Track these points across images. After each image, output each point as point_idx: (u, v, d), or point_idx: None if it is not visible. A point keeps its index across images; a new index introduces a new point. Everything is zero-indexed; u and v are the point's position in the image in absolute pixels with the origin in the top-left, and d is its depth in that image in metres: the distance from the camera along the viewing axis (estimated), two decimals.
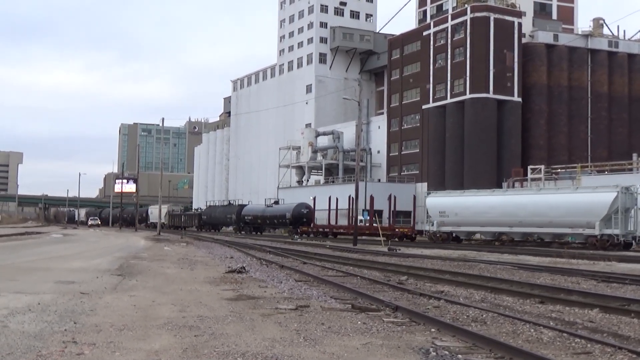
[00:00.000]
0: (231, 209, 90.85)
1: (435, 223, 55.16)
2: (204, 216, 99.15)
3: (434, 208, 55.76)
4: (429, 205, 56.46)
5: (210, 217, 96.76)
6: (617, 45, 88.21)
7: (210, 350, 8.47)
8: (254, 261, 27.28)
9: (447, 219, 54.09)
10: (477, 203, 52.32)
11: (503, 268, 24.26)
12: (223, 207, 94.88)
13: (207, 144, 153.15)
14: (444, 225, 54.62)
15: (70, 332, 9.61)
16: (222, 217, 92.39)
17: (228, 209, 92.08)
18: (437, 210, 55.16)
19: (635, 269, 24.98)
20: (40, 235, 60.07)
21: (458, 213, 53.00)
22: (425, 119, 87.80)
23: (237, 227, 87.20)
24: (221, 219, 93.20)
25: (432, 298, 14.58)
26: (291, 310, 12.35)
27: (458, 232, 54.37)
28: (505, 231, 50.64)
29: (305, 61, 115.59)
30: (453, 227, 54.09)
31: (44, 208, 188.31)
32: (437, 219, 54.99)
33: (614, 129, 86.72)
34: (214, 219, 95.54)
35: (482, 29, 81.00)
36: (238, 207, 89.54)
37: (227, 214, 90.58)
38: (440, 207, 54.86)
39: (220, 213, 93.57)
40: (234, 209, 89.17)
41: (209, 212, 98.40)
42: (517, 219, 48.77)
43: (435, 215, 55.35)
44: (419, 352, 8.62)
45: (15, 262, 23.80)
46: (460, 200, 54.22)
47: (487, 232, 52.68)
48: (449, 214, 53.88)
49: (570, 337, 9.75)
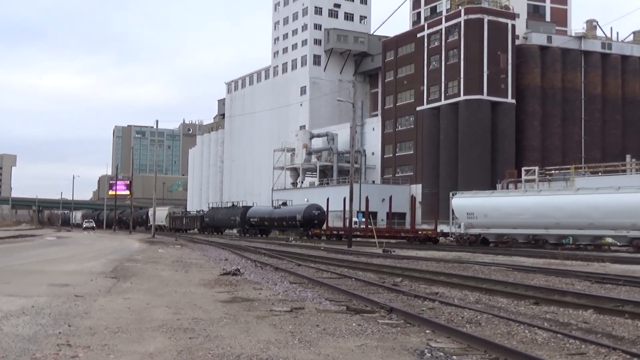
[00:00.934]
0: (235, 210, 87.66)
1: (462, 225, 52.35)
2: (207, 218, 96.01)
3: (461, 209, 52.93)
4: (455, 206, 53.60)
5: (213, 220, 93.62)
6: (610, 47, 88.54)
7: (205, 353, 8.46)
8: (248, 263, 27.25)
9: (476, 220, 51.45)
10: (509, 204, 49.95)
11: (497, 269, 24.29)
12: (226, 209, 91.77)
13: (201, 146, 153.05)
14: (471, 227, 51.93)
15: (65, 335, 9.58)
16: (226, 219, 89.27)
17: (232, 210, 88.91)
18: (464, 212, 52.42)
19: (629, 270, 25.05)
20: (33, 238, 59.87)
21: (488, 214, 50.52)
22: (419, 121, 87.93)
23: (242, 229, 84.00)
24: (224, 221, 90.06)
25: (426, 299, 14.58)
26: (286, 312, 12.34)
27: (487, 235, 51.78)
28: (540, 233, 48.12)
29: (299, 63, 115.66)
30: (482, 229, 51.46)
31: (38, 211, 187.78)
32: (464, 221, 52.24)
33: (607, 131, 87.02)
34: (217, 221, 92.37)
35: (476, 31, 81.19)
36: (242, 208, 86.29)
37: (231, 216, 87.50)
38: (468, 208, 52.20)
39: (224, 215, 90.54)
40: (238, 211, 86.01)
41: (212, 214, 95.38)
42: (554, 220, 46.41)
43: (462, 216, 52.58)
44: (413, 354, 8.62)
45: (9, 265, 23.72)
46: (490, 201, 51.86)
47: (519, 235, 49.83)
48: (477, 216, 51.25)
49: (565, 338, 9.77)
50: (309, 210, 71.48)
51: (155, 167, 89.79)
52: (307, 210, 71.36)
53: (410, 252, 40.15)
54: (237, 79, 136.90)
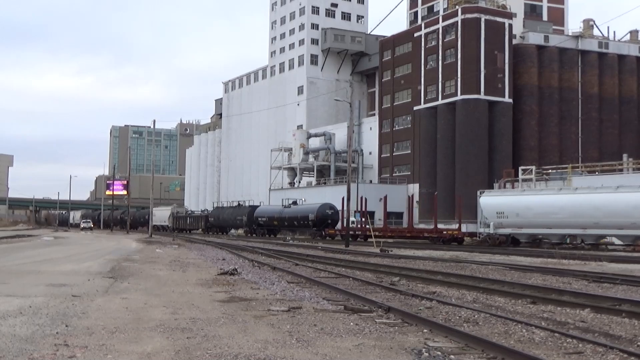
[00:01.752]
0: (241, 210, 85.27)
1: (491, 225, 50.39)
2: (211, 218, 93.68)
3: (490, 208, 50.97)
4: (483, 204, 51.76)
5: (218, 219, 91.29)
6: (607, 46, 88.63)
7: (203, 352, 8.45)
8: (246, 263, 27.25)
9: (506, 220, 49.52)
10: (543, 203, 47.93)
11: (495, 269, 24.32)
12: (232, 209, 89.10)
13: (198, 146, 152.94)
14: (502, 227, 50.00)
15: (62, 335, 9.57)
16: (232, 219, 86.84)
17: (238, 210, 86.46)
18: (493, 211, 50.46)
19: (626, 269, 25.09)
20: (31, 238, 59.79)
21: (519, 213, 48.67)
22: (416, 120, 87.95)
23: (249, 229, 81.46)
24: (230, 221, 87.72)
25: (424, 299, 14.60)
26: (283, 311, 12.35)
27: (518, 235, 50.01)
28: (577, 233, 46.67)
29: (296, 63, 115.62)
30: (513, 228, 49.57)
31: (35, 211, 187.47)
32: (494, 220, 50.29)
33: (604, 130, 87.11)
34: (223, 221, 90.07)
35: (473, 31, 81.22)
36: (249, 208, 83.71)
37: (237, 216, 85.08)
38: (498, 207, 50.27)
39: (229, 215, 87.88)
40: (245, 210, 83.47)
41: (217, 214, 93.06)
42: (593, 220, 44.80)
43: (491, 215, 50.61)
44: (411, 353, 8.63)
45: (6, 265, 23.70)
46: (522, 199, 49.82)
47: (553, 235, 48.22)
48: (508, 215, 49.34)
49: (562, 337, 9.79)
50: (322, 209, 68.24)
51: (152, 167, 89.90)
52: (320, 210, 68.17)
53: (408, 251, 40.19)
54: (235, 78, 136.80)
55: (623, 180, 54.53)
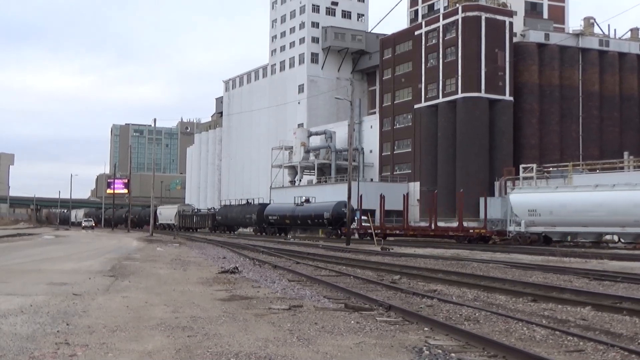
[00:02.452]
0: (251, 208, 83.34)
1: (523, 223, 48.83)
2: (219, 216, 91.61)
3: (522, 206, 49.31)
4: (514, 202, 50.07)
5: (226, 218, 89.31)
6: (607, 44, 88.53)
7: (204, 351, 8.45)
8: (246, 261, 27.25)
9: (539, 218, 48.04)
10: (578, 200, 46.53)
11: (496, 267, 24.32)
12: (240, 207, 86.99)
13: (199, 144, 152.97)
14: (534, 225, 48.40)
15: (63, 333, 9.58)
16: (240, 217, 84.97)
17: (247, 208, 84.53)
18: (525, 209, 48.87)
19: (627, 267, 25.09)
20: (32, 237, 59.82)
21: (553, 211, 47.18)
22: (417, 119, 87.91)
23: (259, 228, 79.67)
24: (238, 219, 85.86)
25: (425, 297, 14.60)
26: (284, 310, 12.35)
27: (551, 233, 48.47)
28: (616, 232, 45.73)
29: (297, 61, 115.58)
30: (546, 227, 48.08)
31: (36, 209, 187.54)
32: (525, 218, 48.68)
33: (605, 128, 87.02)
34: (231, 219, 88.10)
35: (474, 29, 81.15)
36: (259, 206, 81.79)
37: (246, 214, 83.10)
38: (530, 205, 48.71)
39: (238, 213, 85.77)
40: (254, 208, 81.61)
41: (224, 212, 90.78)
42: (633, 218, 43.52)
43: (522, 213, 49.01)
44: (412, 351, 8.63)
45: (7, 264, 23.70)
46: (556, 196, 48.31)
47: (589, 233, 47.32)
48: (541, 213, 47.82)
49: (563, 335, 9.78)
50: (338, 207, 65.08)
51: (153, 165, 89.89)
52: (336, 208, 65.21)
53: (409, 249, 40.19)
54: (235, 77, 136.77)
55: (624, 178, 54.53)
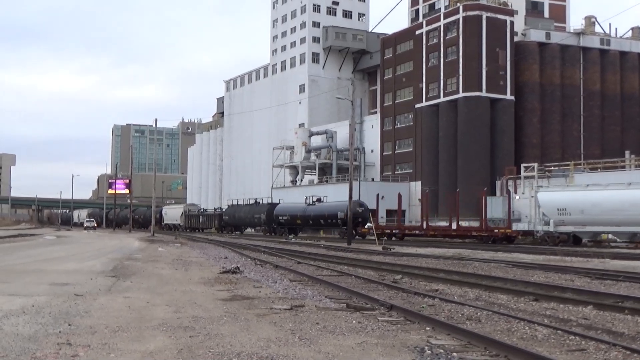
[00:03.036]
0: (259, 208, 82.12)
1: (552, 222, 47.58)
2: (226, 216, 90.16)
3: (550, 204, 48.02)
4: (542, 201, 48.77)
5: (234, 218, 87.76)
6: (608, 43, 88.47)
7: (205, 351, 8.46)
8: (248, 261, 27.25)
9: (569, 217, 46.71)
10: (611, 199, 45.12)
11: (497, 266, 24.32)
12: (249, 207, 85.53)
13: (200, 144, 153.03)
14: (563, 224, 47.11)
15: (65, 334, 9.58)
16: (248, 217, 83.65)
17: (255, 208, 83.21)
18: (554, 208, 47.62)
19: (629, 266, 25.07)
20: (33, 237, 59.87)
21: (584, 210, 45.88)
22: (418, 118, 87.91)
23: (268, 228, 78.42)
24: (246, 219, 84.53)
25: (426, 297, 14.59)
26: (286, 310, 12.35)
27: (581, 233, 47.35)
28: None
29: (298, 61, 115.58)
30: (576, 226, 46.84)
31: (37, 210, 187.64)
32: (554, 218, 47.42)
33: (606, 127, 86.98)
34: (238, 219, 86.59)
35: (475, 28, 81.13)
36: (268, 205, 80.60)
37: (255, 214, 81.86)
38: (559, 204, 47.44)
39: (246, 213, 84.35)
40: (263, 208, 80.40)
41: (232, 212, 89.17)
42: None
43: (551, 212, 47.75)
44: (414, 351, 8.63)
45: (9, 264, 23.71)
46: (587, 195, 46.82)
47: (622, 233, 46.52)
48: (571, 212, 46.51)
49: (565, 334, 9.77)
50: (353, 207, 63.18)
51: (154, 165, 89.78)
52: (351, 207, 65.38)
53: (410, 249, 40.19)
54: (236, 77, 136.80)
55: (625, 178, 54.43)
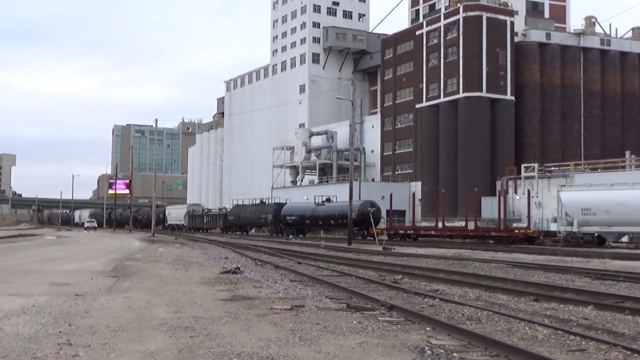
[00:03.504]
0: (266, 208, 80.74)
1: (575, 222, 46.43)
2: (231, 217, 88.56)
3: (574, 204, 46.88)
4: (565, 200, 47.60)
5: (239, 218, 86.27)
6: (609, 43, 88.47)
7: (206, 351, 8.45)
8: (248, 261, 27.24)
9: (593, 217, 45.66)
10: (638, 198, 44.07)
11: (497, 266, 24.32)
12: (254, 207, 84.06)
13: (200, 144, 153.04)
14: (587, 225, 46.05)
15: (65, 334, 9.58)
16: (254, 217, 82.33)
17: (261, 208, 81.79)
18: (577, 207, 46.53)
19: (629, 266, 25.07)
20: (33, 238, 59.86)
21: (610, 210, 44.87)
22: (418, 118, 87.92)
23: (275, 228, 77.00)
24: (252, 219, 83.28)
25: (427, 297, 14.59)
26: (286, 310, 12.34)
27: (606, 233, 46.26)
28: None
29: (298, 61, 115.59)
30: (600, 227, 45.78)
31: (38, 210, 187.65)
32: (578, 218, 46.33)
33: (606, 127, 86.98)
34: (244, 219, 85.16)
35: (475, 28, 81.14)
36: (275, 205, 79.19)
37: (261, 214, 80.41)
38: (583, 204, 46.34)
39: (252, 213, 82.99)
40: (270, 208, 79.10)
41: (237, 212, 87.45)
42: None
43: (575, 212, 46.63)
44: (414, 351, 8.62)
45: (9, 265, 23.71)
46: (613, 195, 45.73)
47: None
48: (595, 212, 45.47)
49: (565, 334, 9.77)
50: (364, 207, 62.06)
51: (154, 166, 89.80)
52: (362, 208, 61.78)
53: (411, 249, 40.18)
54: (236, 77, 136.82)
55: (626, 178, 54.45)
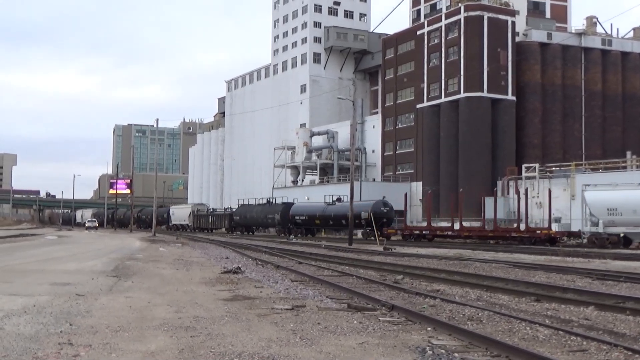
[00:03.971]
0: (273, 207, 79.06)
1: (601, 223, 45.45)
2: (236, 216, 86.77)
3: (599, 204, 45.95)
4: (590, 200, 46.59)
5: (245, 218, 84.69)
6: (610, 43, 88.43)
7: (207, 351, 8.46)
8: (249, 261, 27.24)
9: (620, 217, 44.74)
10: None
11: (498, 266, 24.31)
12: (261, 206, 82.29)
13: (201, 144, 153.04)
14: (613, 225, 45.17)
15: (66, 333, 9.58)
16: (261, 217, 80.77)
17: (268, 208, 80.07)
18: (603, 208, 45.60)
19: (630, 266, 25.06)
20: (34, 237, 59.88)
21: (637, 210, 44.10)
22: (419, 118, 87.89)
23: (283, 229, 74.92)
24: (259, 220, 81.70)
25: (427, 297, 14.59)
26: (287, 310, 12.35)
27: (633, 234, 45.31)
28: None
29: (299, 61, 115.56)
30: (627, 227, 44.84)
31: (39, 210, 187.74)
32: (603, 218, 45.35)
33: (607, 127, 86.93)
34: (250, 219, 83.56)
35: (476, 28, 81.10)
36: (283, 205, 77.30)
37: (268, 214, 78.86)
38: (609, 204, 45.40)
39: (258, 213, 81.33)
40: (277, 208, 77.46)
41: (243, 212, 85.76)
42: None
43: (600, 213, 45.66)
44: (415, 351, 8.63)
45: (10, 264, 23.73)
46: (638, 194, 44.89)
47: None
48: (622, 212, 44.57)
49: (566, 334, 9.77)
50: (377, 206, 60.60)
51: (155, 165, 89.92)
52: (375, 207, 60.14)
53: (412, 249, 40.17)
54: (237, 77, 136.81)
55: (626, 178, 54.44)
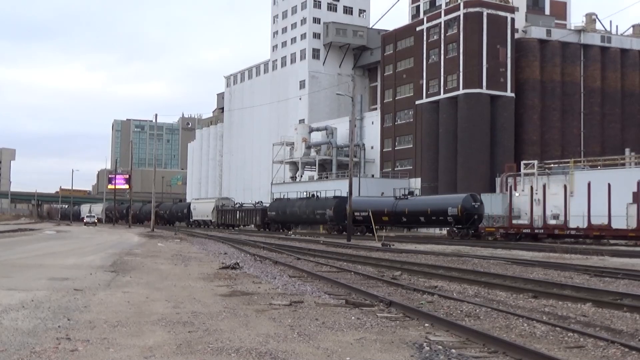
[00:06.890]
0: (323, 202, 69.78)
1: None
2: (272, 212, 78.52)
3: None
4: None
5: (284, 214, 76.28)
6: (609, 40, 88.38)
7: (205, 346, 8.47)
8: (247, 257, 27.26)
9: None
10: None
11: (496, 263, 24.34)
12: (306, 201, 73.52)
13: (200, 140, 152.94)
14: None
15: (64, 328, 9.59)
16: (306, 213, 71.82)
17: (316, 202, 71.03)
18: None
19: (628, 263, 25.09)
20: (33, 232, 59.87)
21: None
22: (418, 115, 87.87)
23: (338, 226, 66.56)
24: (303, 216, 72.76)
25: (425, 293, 14.61)
26: (285, 305, 12.36)
27: None
28: None
29: (298, 57, 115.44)
30: None
31: (37, 205, 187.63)
32: None
33: (606, 124, 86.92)
34: (291, 215, 75.26)
35: (475, 25, 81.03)
36: (336, 200, 67.17)
37: (317, 209, 69.81)
38: None
39: (302, 208, 72.64)
40: (330, 203, 68.01)
41: (280, 207, 77.55)
42: None
43: None
44: (412, 347, 8.64)
45: (8, 259, 23.72)
46: None
47: None
48: None
49: (563, 331, 9.79)
50: (467, 202, 54.13)
51: (154, 161, 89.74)
52: (464, 203, 53.86)
53: (410, 245, 40.19)
54: (236, 72, 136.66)
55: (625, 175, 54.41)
